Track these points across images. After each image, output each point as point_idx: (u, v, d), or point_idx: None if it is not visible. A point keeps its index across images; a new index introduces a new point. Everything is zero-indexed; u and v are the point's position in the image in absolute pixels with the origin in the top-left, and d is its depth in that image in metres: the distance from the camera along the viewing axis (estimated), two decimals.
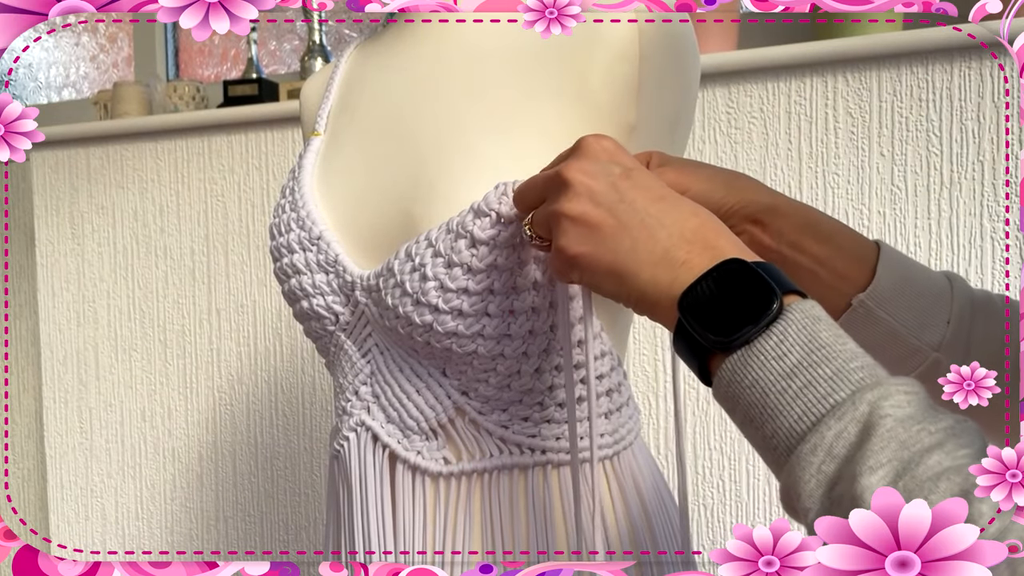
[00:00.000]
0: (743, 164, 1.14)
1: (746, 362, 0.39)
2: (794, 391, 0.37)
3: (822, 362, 0.37)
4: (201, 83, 1.53)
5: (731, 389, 0.39)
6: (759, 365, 0.38)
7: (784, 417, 0.37)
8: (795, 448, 0.37)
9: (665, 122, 0.56)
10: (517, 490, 0.56)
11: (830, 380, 0.36)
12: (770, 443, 0.38)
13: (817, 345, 0.37)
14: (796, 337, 0.38)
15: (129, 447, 1.56)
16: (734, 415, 0.40)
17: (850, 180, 1.09)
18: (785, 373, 0.37)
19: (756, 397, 0.38)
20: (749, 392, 0.39)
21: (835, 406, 0.36)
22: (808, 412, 0.37)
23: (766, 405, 0.38)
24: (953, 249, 1.06)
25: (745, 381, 0.39)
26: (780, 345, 0.38)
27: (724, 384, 0.40)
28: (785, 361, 0.38)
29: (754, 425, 0.39)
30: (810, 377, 0.37)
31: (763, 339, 0.38)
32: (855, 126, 1.09)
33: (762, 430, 0.38)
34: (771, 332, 0.38)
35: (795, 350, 0.38)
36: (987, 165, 1.04)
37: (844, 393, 0.36)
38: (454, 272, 0.51)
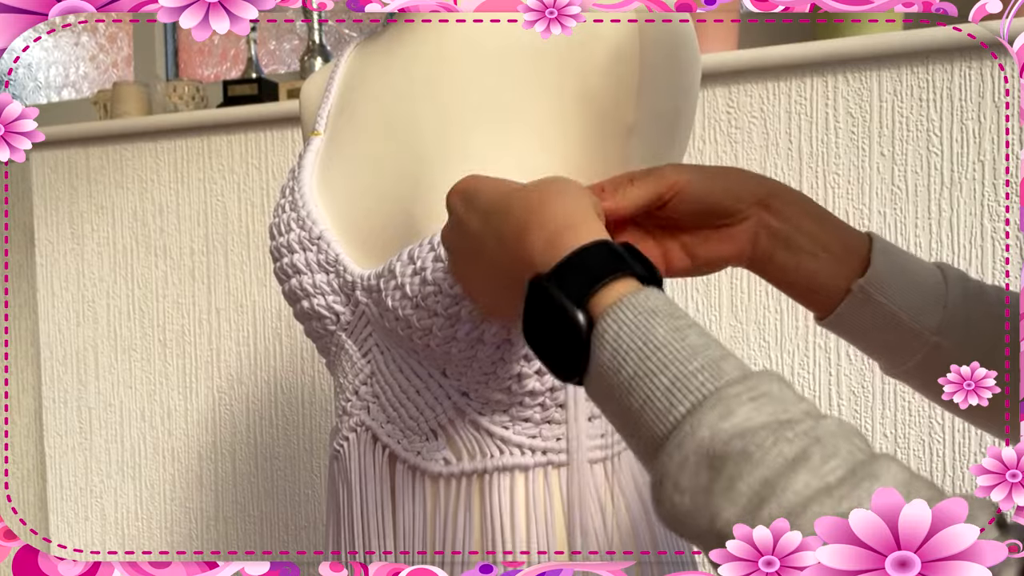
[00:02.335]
0: (743, 164, 1.14)
1: (591, 384, 0.36)
2: (636, 408, 0.34)
3: (658, 370, 0.33)
4: (201, 83, 1.53)
5: (600, 405, 0.37)
6: (601, 384, 0.35)
7: (635, 439, 0.34)
8: (652, 464, 0.33)
9: (665, 122, 0.56)
10: (517, 490, 0.56)
11: (667, 392, 0.33)
12: (640, 455, 0.35)
13: (652, 348, 0.34)
14: (629, 342, 0.34)
15: (129, 447, 1.56)
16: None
17: (850, 180, 1.09)
18: (624, 388, 0.34)
19: (613, 414, 0.35)
20: (605, 410, 0.36)
21: (673, 429, 0.32)
22: (651, 434, 0.33)
23: (618, 423, 0.35)
24: (953, 249, 1.06)
25: (599, 400, 0.36)
26: (614, 356, 0.34)
27: (592, 399, 0.37)
28: (622, 374, 0.34)
29: (621, 433, 0.36)
30: (648, 391, 0.33)
31: (597, 350, 0.35)
32: (855, 126, 1.09)
33: (631, 441, 0.35)
34: (603, 342, 0.35)
35: (629, 359, 0.34)
36: (987, 165, 1.04)
37: (682, 409, 0.32)
38: (452, 278, 0.51)
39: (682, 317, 0.35)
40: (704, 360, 0.33)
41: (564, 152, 0.54)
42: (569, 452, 0.57)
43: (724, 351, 0.34)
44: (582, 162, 0.54)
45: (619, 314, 0.35)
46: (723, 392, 0.32)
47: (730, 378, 0.33)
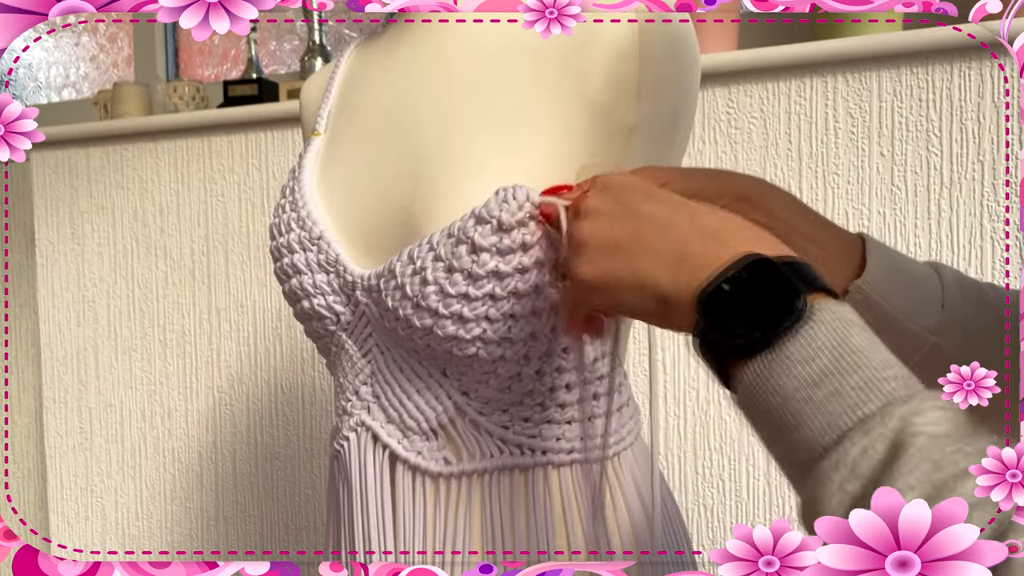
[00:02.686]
0: (743, 164, 1.14)
1: (768, 367, 0.36)
2: (819, 400, 0.34)
3: (852, 370, 0.34)
4: (201, 83, 1.53)
5: (751, 396, 0.36)
6: (782, 371, 0.35)
7: (806, 428, 0.35)
8: (817, 463, 0.34)
9: (665, 122, 0.56)
10: (517, 490, 0.56)
11: (859, 390, 0.34)
12: (791, 456, 0.35)
13: (847, 350, 0.35)
14: (825, 341, 0.35)
15: (129, 447, 1.56)
16: (755, 426, 0.38)
17: (850, 180, 1.09)
18: (811, 380, 0.35)
19: (777, 405, 0.35)
20: (770, 400, 0.36)
21: (863, 419, 0.33)
22: (833, 424, 0.34)
23: (787, 414, 0.35)
24: (953, 249, 1.06)
25: (767, 388, 0.36)
26: (806, 348, 0.35)
27: (744, 391, 0.37)
28: (811, 366, 0.35)
29: (775, 437, 0.36)
30: (837, 386, 0.34)
31: (788, 342, 0.36)
32: (855, 126, 1.09)
33: (783, 442, 0.36)
34: (798, 334, 0.35)
35: (822, 355, 0.35)
36: (987, 165, 1.04)
37: (874, 405, 0.33)
38: (454, 277, 0.51)
39: (875, 335, 0.36)
40: (898, 372, 0.34)
41: (565, 152, 0.54)
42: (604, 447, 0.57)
43: (909, 375, 0.35)
44: (582, 161, 0.54)
45: (819, 314, 0.36)
46: (915, 396, 0.33)
47: (919, 390, 0.34)
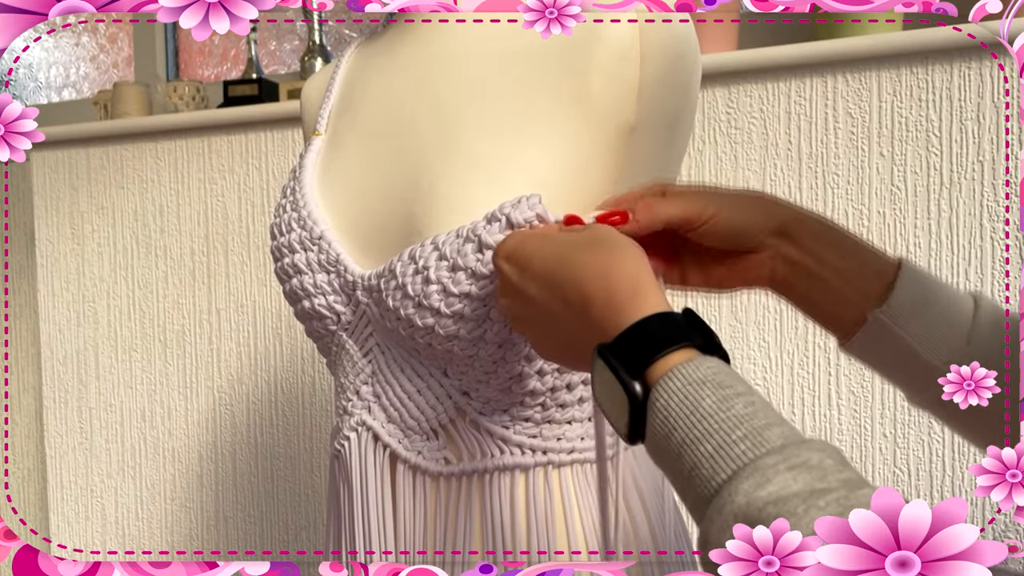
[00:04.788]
0: (743, 164, 1.14)
1: (649, 446, 0.39)
2: (685, 472, 0.36)
3: (703, 437, 0.35)
4: (201, 83, 1.53)
5: (658, 465, 0.39)
6: (654, 448, 0.38)
7: (687, 501, 0.37)
8: (700, 523, 0.35)
9: (665, 122, 0.56)
10: (517, 490, 0.56)
11: (711, 458, 0.35)
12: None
13: (699, 416, 0.36)
14: (678, 410, 0.36)
15: (129, 447, 1.56)
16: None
17: (850, 180, 1.09)
18: (675, 454, 0.36)
19: (669, 478, 0.38)
20: (664, 471, 0.38)
21: (714, 494, 0.34)
22: (698, 497, 0.35)
23: (676, 488, 0.38)
24: (953, 249, 1.06)
25: (658, 462, 0.38)
26: (664, 424, 0.37)
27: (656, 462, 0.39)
28: (671, 440, 0.36)
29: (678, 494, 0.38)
30: (694, 457, 0.35)
31: (651, 417, 0.38)
32: (855, 126, 1.09)
33: (683, 501, 0.38)
34: (655, 411, 0.37)
35: (679, 426, 0.36)
36: (987, 165, 1.04)
37: (723, 476, 0.34)
38: (458, 276, 0.51)
39: (731, 386, 0.37)
40: (747, 429, 0.35)
41: (564, 152, 0.54)
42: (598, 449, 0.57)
43: (771, 419, 0.35)
44: (583, 162, 0.54)
45: (669, 384, 0.37)
46: (760, 461, 0.33)
47: (770, 447, 0.34)
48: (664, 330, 0.39)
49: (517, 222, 0.49)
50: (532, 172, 0.53)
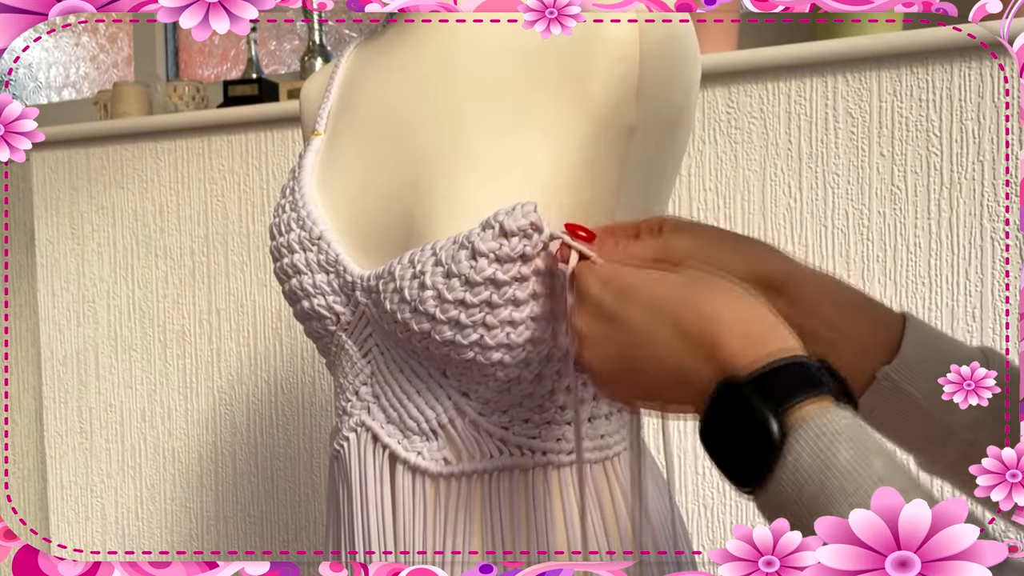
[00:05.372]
0: (743, 164, 1.14)
1: (768, 496, 0.36)
2: (813, 529, 0.34)
3: (838, 496, 0.33)
4: (201, 83, 1.53)
5: (766, 515, 0.37)
6: (779, 500, 0.36)
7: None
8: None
9: (665, 123, 0.56)
10: (517, 491, 0.56)
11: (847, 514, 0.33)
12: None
13: (834, 473, 0.34)
14: (810, 465, 0.34)
15: (129, 447, 1.56)
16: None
17: (850, 180, 1.09)
18: (806, 506, 0.34)
19: (791, 524, 0.35)
20: (786, 518, 0.36)
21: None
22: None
23: (800, 533, 0.35)
24: (953, 249, 1.06)
25: (772, 512, 0.36)
26: (793, 478, 0.35)
27: (763, 511, 0.37)
28: (803, 494, 0.34)
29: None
30: (827, 514, 0.33)
31: (777, 472, 0.35)
32: (855, 126, 1.09)
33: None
34: (784, 462, 0.35)
35: (811, 481, 0.34)
36: (987, 165, 1.04)
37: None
38: (452, 282, 0.51)
39: (868, 442, 0.35)
40: (895, 487, 0.33)
41: (564, 152, 0.54)
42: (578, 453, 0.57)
43: (909, 484, 0.33)
44: (582, 162, 0.54)
45: (805, 433, 0.35)
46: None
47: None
48: (802, 376, 0.37)
49: (510, 229, 0.49)
50: (532, 172, 0.53)
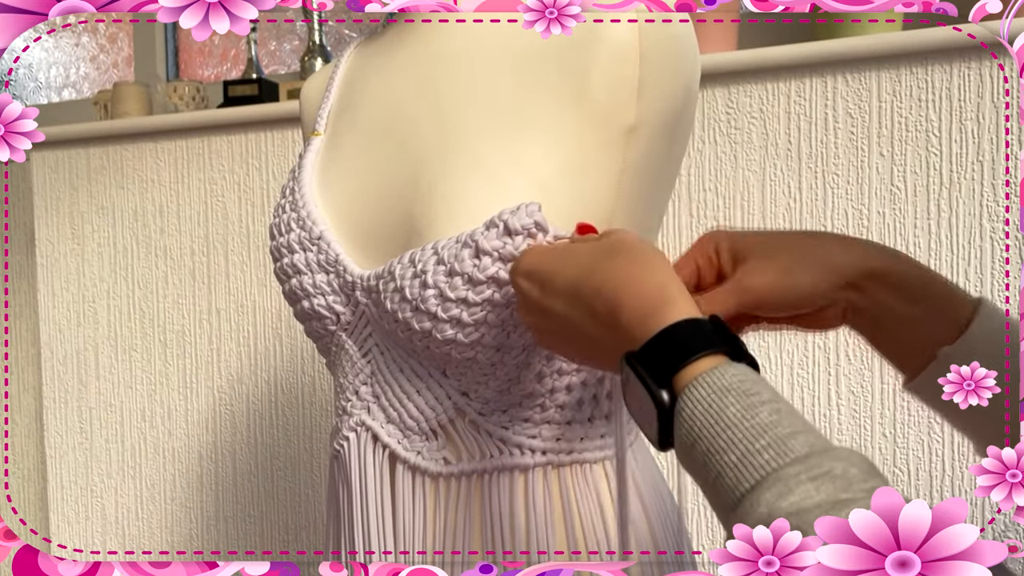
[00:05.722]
0: (743, 164, 1.14)
1: (677, 452, 0.38)
2: (710, 481, 0.36)
3: (727, 447, 0.35)
4: (201, 83, 1.53)
5: (691, 475, 0.39)
6: (682, 456, 0.38)
7: (713, 506, 0.37)
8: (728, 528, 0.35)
9: (665, 122, 0.56)
10: (517, 491, 0.56)
11: (735, 468, 0.35)
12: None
13: (723, 426, 0.36)
14: (703, 419, 0.36)
15: (129, 447, 1.56)
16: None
17: (850, 180, 1.09)
18: (700, 463, 0.36)
19: (696, 482, 0.38)
20: (692, 475, 0.38)
21: (737, 503, 0.34)
22: (723, 506, 0.36)
23: (703, 490, 0.37)
24: (953, 249, 1.06)
25: (687, 469, 0.38)
26: (689, 433, 0.37)
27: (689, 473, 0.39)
28: (697, 447, 0.36)
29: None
30: (719, 466, 0.35)
31: (677, 425, 0.37)
32: (855, 126, 1.09)
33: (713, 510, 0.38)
34: (680, 420, 0.37)
35: (704, 434, 0.36)
36: (987, 165, 1.04)
37: (746, 486, 0.34)
38: (454, 281, 0.51)
39: (756, 394, 0.36)
40: (771, 438, 0.35)
41: (564, 152, 0.54)
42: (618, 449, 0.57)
43: (796, 427, 0.35)
44: (583, 162, 0.54)
45: (695, 392, 0.37)
46: (783, 471, 0.33)
47: (794, 456, 0.34)
48: (692, 337, 0.39)
49: (515, 228, 0.49)
50: (532, 172, 0.53)
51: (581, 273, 0.44)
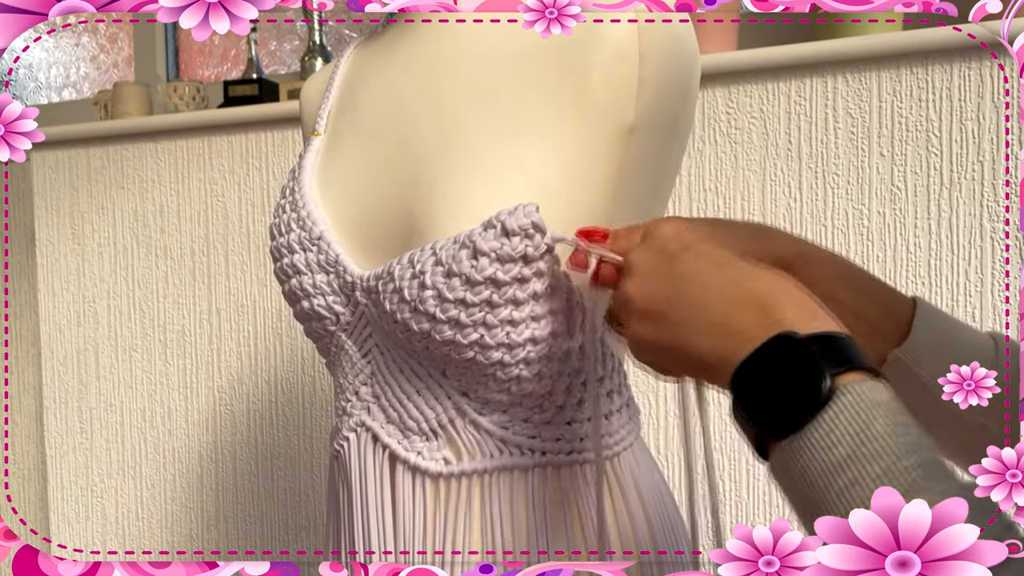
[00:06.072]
0: (743, 164, 1.14)
1: (794, 451, 0.36)
2: (838, 488, 0.34)
3: (871, 458, 0.34)
4: (201, 83, 1.53)
5: (780, 473, 0.37)
6: (806, 456, 0.36)
7: (828, 512, 0.35)
8: None
9: (665, 122, 0.56)
10: (517, 491, 0.56)
11: (877, 480, 0.33)
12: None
13: (868, 437, 0.34)
14: (847, 427, 0.35)
15: (129, 447, 1.56)
16: (787, 496, 0.38)
17: (850, 180, 1.09)
18: (832, 467, 0.35)
19: (802, 487, 0.36)
20: (796, 480, 0.36)
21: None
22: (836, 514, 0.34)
23: (811, 497, 0.36)
24: (953, 249, 1.06)
25: (793, 469, 0.36)
26: (829, 436, 0.35)
27: (774, 467, 0.38)
28: (833, 453, 0.35)
29: (802, 512, 0.37)
30: (857, 474, 0.34)
31: (812, 427, 0.36)
32: (855, 126, 1.09)
33: (807, 520, 0.36)
34: (820, 420, 0.36)
35: (844, 441, 0.35)
36: (987, 165, 1.04)
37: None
38: (452, 282, 0.51)
39: (904, 415, 0.36)
40: (920, 458, 0.34)
41: (564, 152, 0.54)
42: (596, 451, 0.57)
43: (941, 456, 0.34)
44: (582, 162, 0.54)
45: (844, 398, 0.36)
46: (931, 489, 0.33)
47: (944, 479, 0.33)
48: (849, 348, 0.38)
49: (512, 229, 0.49)
50: (532, 172, 0.53)
51: (737, 259, 0.43)
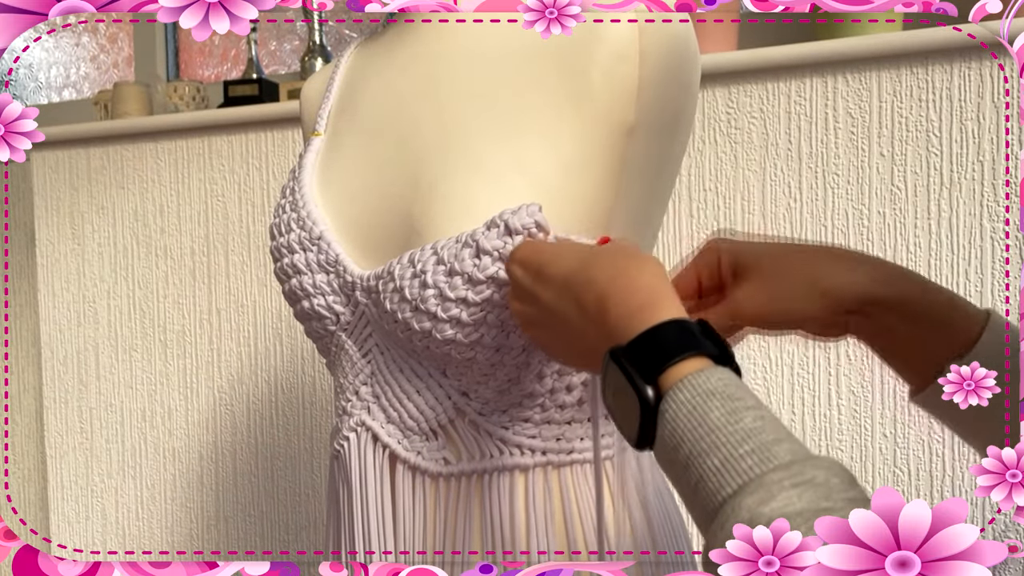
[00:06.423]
0: (743, 164, 1.14)
1: (657, 455, 0.38)
2: (691, 484, 0.36)
3: (710, 451, 0.35)
4: (201, 83, 1.53)
5: (667, 474, 0.39)
6: (664, 459, 0.38)
7: (693, 512, 0.37)
8: (706, 531, 0.35)
9: (665, 122, 0.56)
10: (517, 490, 0.56)
11: (717, 473, 0.34)
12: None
13: (706, 430, 0.35)
14: (686, 423, 0.36)
15: (129, 447, 1.56)
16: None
17: (850, 180, 1.09)
18: (682, 464, 0.36)
19: (675, 487, 0.38)
20: (671, 480, 0.38)
21: (719, 508, 0.34)
22: (703, 510, 0.35)
23: (682, 497, 0.37)
24: (953, 249, 1.06)
25: (665, 470, 0.38)
26: (672, 436, 0.36)
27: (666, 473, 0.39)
28: (680, 452, 0.36)
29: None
30: (700, 470, 0.35)
31: (660, 428, 0.37)
32: (855, 126, 1.09)
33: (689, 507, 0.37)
34: (663, 423, 0.37)
35: (686, 438, 0.36)
36: (987, 165, 1.04)
37: (727, 491, 0.34)
38: (454, 281, 0.51)
39: (740, 399, 0.36)
40: (754, 444, 0.34)
41: (564, 152, 0.54)
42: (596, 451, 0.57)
43: (780, 435, 0.35)
44: (582, 162, 0.54)
45: (679, 394, 0.37)
46: (766, 477, 0.33)
47: (777, 463, 0.34)
48: (679, 338, 0.39)
49: (515, 228, 0.49)
50: (532, 172, 0.53)
51: (575, 264, 0.44)
